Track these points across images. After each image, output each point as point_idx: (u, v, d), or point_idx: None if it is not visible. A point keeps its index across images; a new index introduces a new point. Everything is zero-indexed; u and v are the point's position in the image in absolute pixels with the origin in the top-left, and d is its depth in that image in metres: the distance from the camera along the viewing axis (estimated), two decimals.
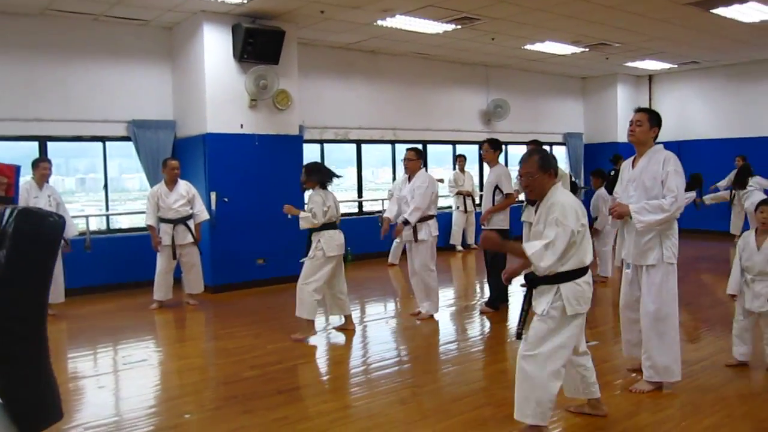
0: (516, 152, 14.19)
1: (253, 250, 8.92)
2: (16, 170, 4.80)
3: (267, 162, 9.03)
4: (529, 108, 14.04)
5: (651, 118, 4.53)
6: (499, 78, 13.41)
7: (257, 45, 8.58)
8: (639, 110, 4.62)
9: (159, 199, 7.64)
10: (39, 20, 8.29)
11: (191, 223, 7.73)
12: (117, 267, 8.81)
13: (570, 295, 3.60)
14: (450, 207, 12.43)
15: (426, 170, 7.15)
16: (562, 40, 10.85)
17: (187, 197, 7.71)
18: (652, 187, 4.41)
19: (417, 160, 6.90)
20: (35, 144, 8.47)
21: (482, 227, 7.33)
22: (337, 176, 6.42)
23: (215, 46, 8.56)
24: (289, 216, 6.62)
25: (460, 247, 12.13)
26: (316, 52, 10.60)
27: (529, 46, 11.21)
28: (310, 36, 9.94)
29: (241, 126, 8.83)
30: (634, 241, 4.51)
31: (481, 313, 7.17)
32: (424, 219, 6.72)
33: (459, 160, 12.19)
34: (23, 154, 8.19)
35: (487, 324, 6.87)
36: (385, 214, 7.14)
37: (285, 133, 9.26)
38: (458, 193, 12.01)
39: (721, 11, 8.99)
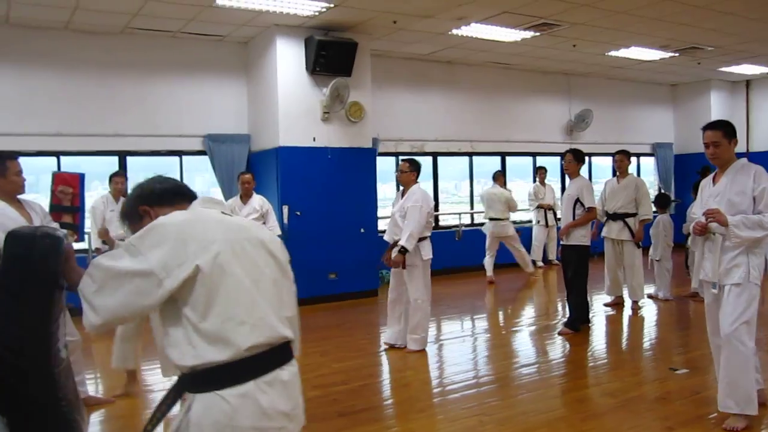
0: (601, 164, 13.61)
1: (324, 265, 8.79)
2: (80, 179, 4.83)
3: (340, 175, 8.91)
4: (614, 117, 13.40)
5: (726, 133, 4.06)
6: (582, 86, 12.88)
7: (330, 57, 8.50)
8: (709, 127, 4.13)
9: (233, 212, 7.61)
10: (120, 38, 8.49)
11: None
12: None
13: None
14: (530, 221, 11.99)
15: (419, 185, 6.22)
16: (648, 45, 10.27)
17: (261, 212, 7.65)
18: (740, 203, 3.96)
19: (410, 172, 6.16)
20: (115, 158, 8.68)
21: (561, 242, 6.95)
22: None
23: (288, 59, 8.53)
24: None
25: (540, 263, 11.65)
26: (391, 63, 10.45)
27: (613, 53, 10.69)
28: (384, 47, 9.80)
29: (314, 139, 8.76)
30: (720, 258, 4.06)
31: (560, 334, 6.74)
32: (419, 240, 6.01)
33: (539, 172, 11.75)
34: (104, 168, 8.36)
35: (567, 346, 6.43)
36: (385, 236, 6.38)
37: (358, 146, 9.12)
38: (539, 207, 11.56)
39: None
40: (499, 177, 10.71)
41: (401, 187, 6.37)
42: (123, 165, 8.70)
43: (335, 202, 8.88)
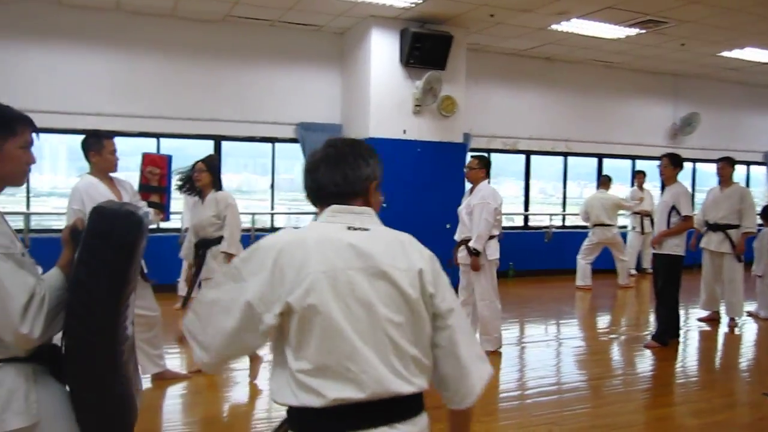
0: (706, 170, 12.86)
1: None
2: (168, 160, 4.98)
3: (428, 169, 8.84)
4: (724, 122, 12.63)
5: None
6: (689, 88, 12.20)
7: (424, 50, 8.43)
8: None
9: None
10: (221, 26, 8.74)
11: None
12: None
13: None
14: (625, 227, 11.50)
15: (488, 182, 6.03)
16: (766, 46, 9.60)
17: None
18: None
19: (479, 169, 5.96)
20: (211, 143, 8.96)
21: (653, 250, 6.61)
22: None
23: (382, 50, 8.53)
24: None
25: (634, 271, 11.16)
26: (487, 58, 10.25)
27: (725, 53, 10.06)
28: (481, 41, 9.62)
29: (404, 132, 8.72)
30: None
31: (646, 347, 6.40)
32: None
33: (638, 176, 11.22)
34: (201, 152, 8.63)
35: (653, 360, 6.10)
36: (455, 235, 6.19)
37: (448, 140, 9.01)
38: (635, 213, 11.06)
39: None
40: (605, 182, 10.30)
41: (469, 185, 6.22)
42: (218, 149, 8.96)
43: (422, 196, 8.81)
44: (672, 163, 6.43)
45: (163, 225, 8.73)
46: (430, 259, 1.80)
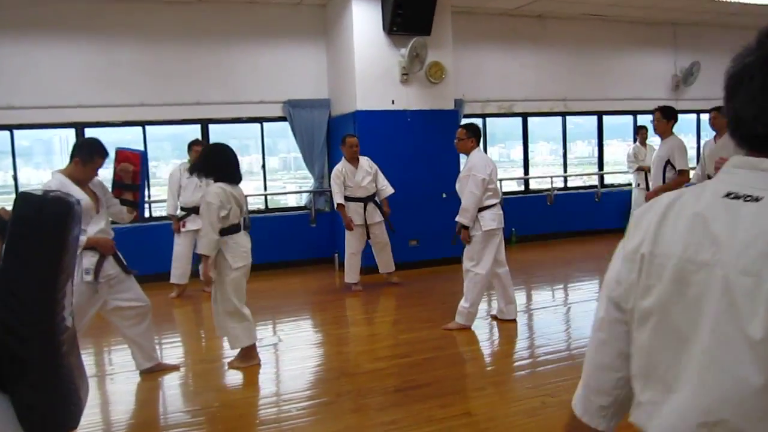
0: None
1: (405, 231, 8.56)
2: (141, 157, 4.82)
3: (420, 139, 8.62)
4: None
5: None
6: (690, 37, 11.80)
7: (407, 16, 8.16)
8: None
9: (345, 177, 7.48)
10: (197, 7, 8.52)
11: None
12: (276, 245, 8.95)
13: None
14: (629, 184, 11.25)
15: (478, 150, 5.78)
16: None
17: (372, 172, 7.50)
18: None
19: (467, 139, 5.69)
20: (198, 127, 8.80)
21: None
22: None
23: (364, 19, 8.27)
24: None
25: None
26: (475, 20, 9.95)
27: None
28: (468, 3, 9.32)
29: (393, 102, 8.50)
30: None
31: None
32: (480, 210, 5.61)
33: (640, 132, 10.91)
34: (187, 136, 8.50)
35: None
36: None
37: (439, 108, 8.77)
38: (638, 169, 10.78)
39: None
40: (642, 131, 10.33)
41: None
42: (205, 133, 8.81)
43: (416, 166, 8.61)
44: (664, 116, 6.21)
45: (154, 213, 8.69)
46: None
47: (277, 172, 10.64)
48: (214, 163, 4.86)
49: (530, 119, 10.89)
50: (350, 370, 4.89)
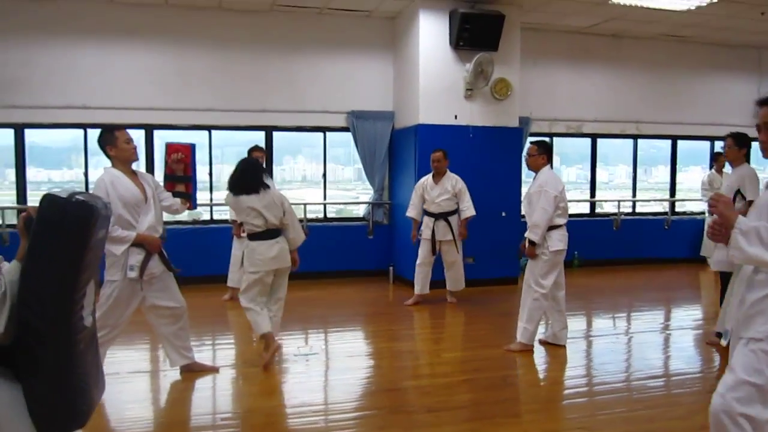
0: None
1: (462, 248, 8.44)
2: (191, 149, 4.92)
3: (482, 155, 8.49)
4: None
5: None
6: None
7: (474, 31, 8.08)
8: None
9: (424, 191, 7.48)
10: (267, 16, 8.69)
11: (454, 220, 7.45)
12: (332, 255, 8.99)
13: None
14: (703, 212, 10.77)
15: (551, 167, 5.70)
16: None
17: (453, 191, 7.42)
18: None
19: (539, 155, 5.54)
20: (262, 133, 8.95)
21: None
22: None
23: (431, 33, 8.24)
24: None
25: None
26: (547, 37, 9.77)
27: None
28: (539, 20, 9.16)
29: (455, 117, 8.41)
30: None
31: (708, 344, 5.89)
32: (549, 228, 5.45)
33: (717, 159, 10.43)
34: (251, 141, 8.64)
35: (716, 359, 5.58)
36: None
37: (503, 125, 8.62)
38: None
39: None
40: (720, 159, 9.73)
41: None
42: (269, 139, 8.95)
43: (476, 183, 8.39)
44: (736, 144, 5.87)
45: (215, 216, 8.89)
46: None
47: (349, 182, 10.68)
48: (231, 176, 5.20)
49: (609, 142, 10.61)
50: (386, 385, 4.82)
